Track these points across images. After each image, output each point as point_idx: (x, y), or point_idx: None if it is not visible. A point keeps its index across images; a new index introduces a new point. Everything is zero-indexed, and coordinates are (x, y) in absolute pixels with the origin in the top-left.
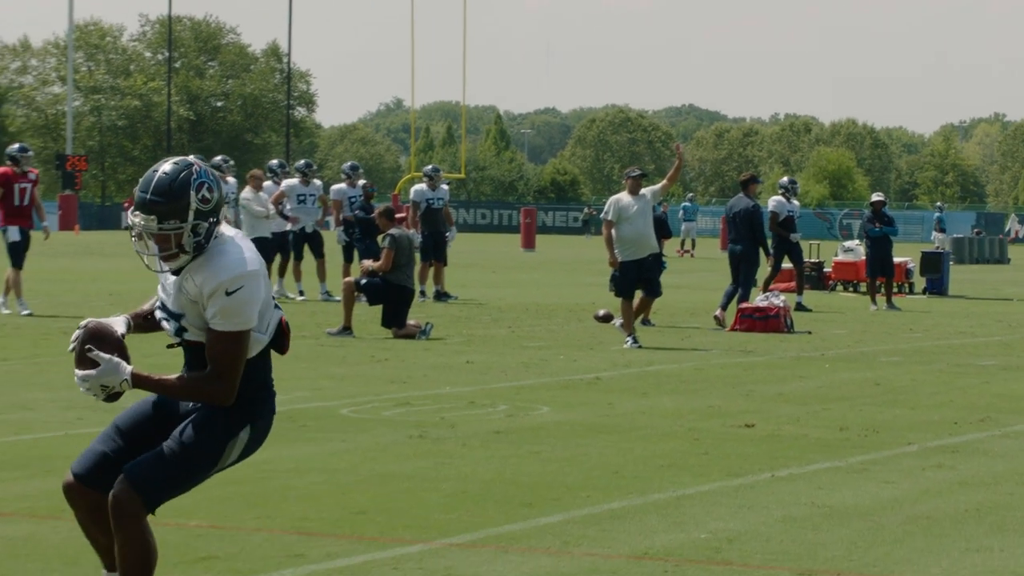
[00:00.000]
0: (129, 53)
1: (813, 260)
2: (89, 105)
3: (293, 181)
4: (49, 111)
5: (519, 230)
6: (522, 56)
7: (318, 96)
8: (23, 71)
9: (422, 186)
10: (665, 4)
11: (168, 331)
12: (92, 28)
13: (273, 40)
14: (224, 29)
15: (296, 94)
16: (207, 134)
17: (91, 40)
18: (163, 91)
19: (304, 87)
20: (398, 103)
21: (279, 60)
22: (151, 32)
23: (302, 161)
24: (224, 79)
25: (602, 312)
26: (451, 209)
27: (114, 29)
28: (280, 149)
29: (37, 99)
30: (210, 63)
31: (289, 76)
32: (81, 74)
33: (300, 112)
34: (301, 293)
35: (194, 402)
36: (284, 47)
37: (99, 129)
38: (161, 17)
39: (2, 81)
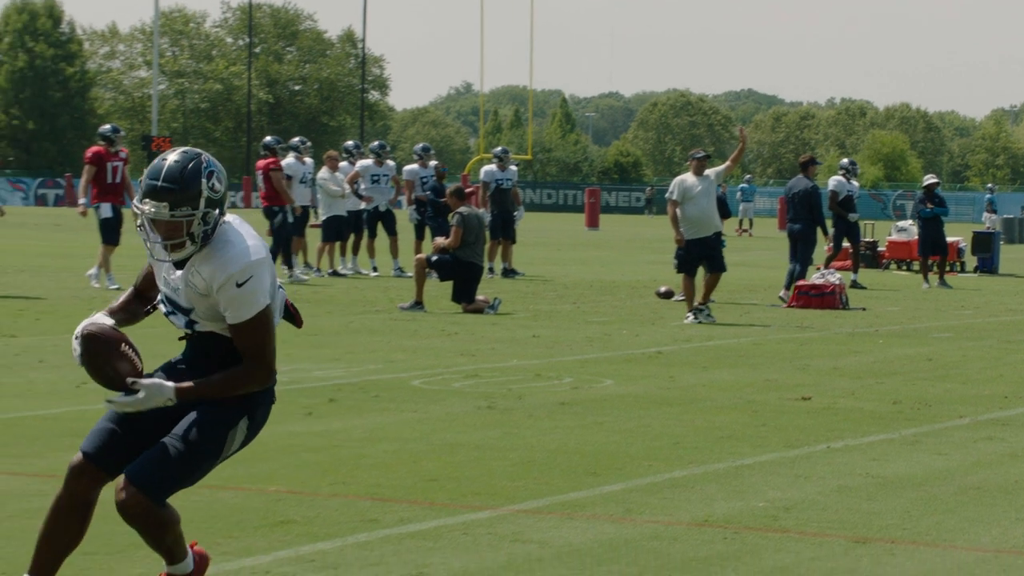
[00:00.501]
0: (211, 39)
1: (868, 240)
2: (173, 88)
3: (367, 162)
4: (135, 94)
5: (583, 210)
6: (587, 41)
7: (391, 80)
8: (111, 56)
9: (492, 167)
10: None
11: (177, 325)
12: (177, 15)
13: (348, 26)
14: (302, 16)
15: (370, 78)
16: (285, 116)
17: (176, 26)
18: (244, 75)
19: (378, 72)
20: (467, 87)
21: (354, 46)
22: (232, 18)
23: (376, 142)
24: (302, 64)
25: (663, 288)
26: (519, 189)
27: (197, 16)
28: (355, 131)
29: (124, 83)
30: (288, 48)
31: (363, 61)
32: (166, 59)
33: (374, 96)
34: (375, 269)
35: (240, 394)
36: (359, 33)
37: (183, 111)
38: (242, 4)
39: (91, 66)
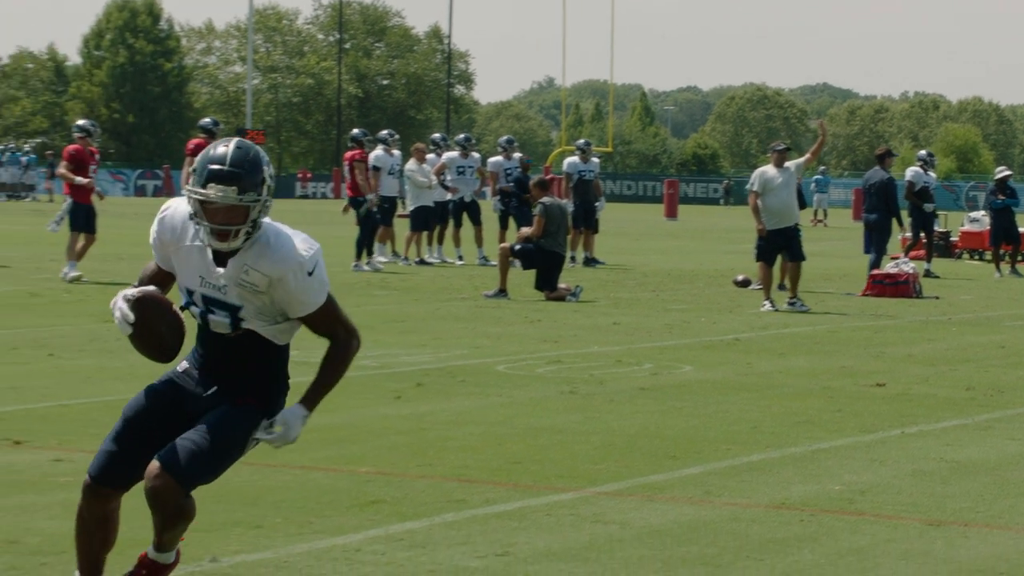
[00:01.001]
0: (303, 35)
1: (941, 230)
2: (267, 83)
3: (453, 154)
4: (230, 89)
5: (662, 200)
6: (666, 37)
7: (476, 75)
8: (207, 52)
9: (575, 159)
10: None
11: (216, 323)
12: (270, 12)
13: (435, 23)
14: (390, 13)
15: (456, 73)
16: (374, 110)
17: (269, 23)
18: (334, 70)
19: (463, 66)
20: (550, 81)
21: (440, 41)
22: (323, 15)
23: (461, 135)
24: (390, 59)
25: (741, 277)
26: (600, 181)
27: (290, 13)
28: (441, 124)
29: (220, 78)
30: (377, 44)
31: (449, 56)
32: (260, 54)
33: (459, 90)
34: (460, 258)
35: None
36: (445, 29)
37: (275, 105)
38: (333, 2)
39: (188, 61)
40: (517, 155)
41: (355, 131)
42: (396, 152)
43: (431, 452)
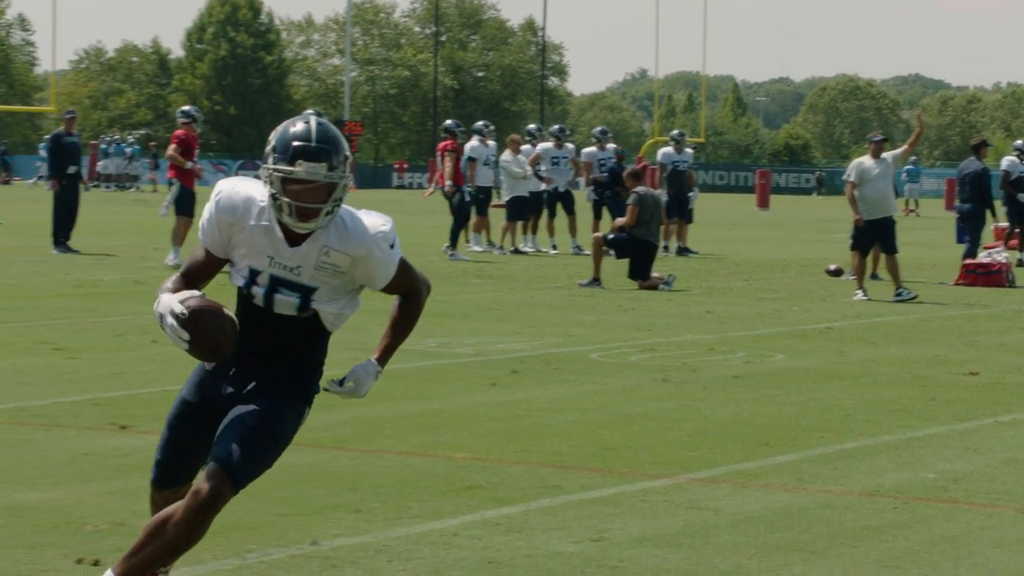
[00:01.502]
0: (400, 28)
1: None
2: (364, 75)
3: (548, 144)
4: (328, 81)
5: (754, 190)
6: (758, 28)
7: (570, 67)
8: (306, 45)
9: (669, 149)
10: None
11: (282, 304)
12: (368, 5)
13: (529, 15)
14: (485, 6)
15: (549, 65)
16: (469, 102)
17: (367, 16)
18: (430, 63)
19: (557, 58)
20: (642, 73)
21: (534, 34)
22: (420, 9)
23: (556, 126)
24: (485, 51)
25: (833, 266)
26: (693, 171)
27: (387, 6)
28: (535, 115)
29: (318, 70)
30: (472, 37)
31: (544, 48)
32: (357, 47)
33: (553, 81)
34: (554, 247)
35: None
36: (539, 22)
37: (373, 97)
38: None
39: (288, 54)
40: (611, 146)
41: (448, 122)
42: (491, 143)
43: (526, 438)
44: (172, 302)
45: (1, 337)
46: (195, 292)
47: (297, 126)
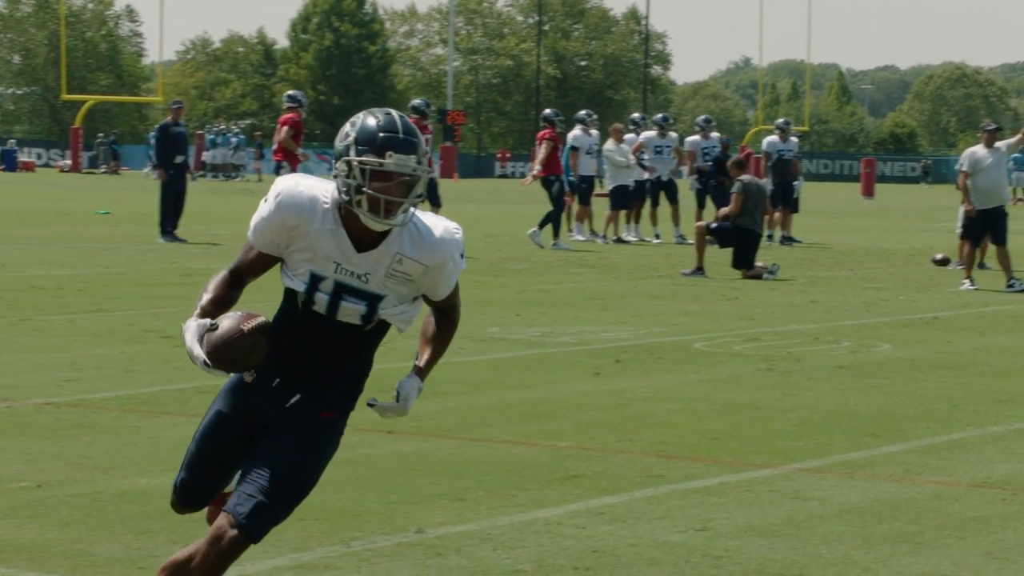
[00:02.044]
0: (503, 17)
1: None
2: (467, 65)
3: (651, 133)
4: (432, 70)
5: (859, 179)
6: (863, 16)
7: (673, 55)
8: (410, 35)
9: (774, 138)
10: None
11: (347, 312)
12: None
13: (632, 4)
14: None
15: (653, 54)
16: (572, 91)
17: (470, 6)
18: (533, 52)
19: (660, 47)
20: (746, 61)
21: (637, 23)
22: None
23: (659, 115)
24: (588, 40)
25: (939, 256)
26: (798, 160)
27: None
28: (637, 104)
29: (422, 60)
30: (575, 26)
31: (647, 37)
32: (460, 37)
33: (656, 70)
34: (657, 236)
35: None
36: (642, 10)
37: (475, 87)
38: None
39: (392, 44)
40: (715, 135)
41: (546, 111)
42: (594, 132)
43: (630, 428)
44: (193, 348)
45: (110, 325)
46: (210, 321)
47: (379, 118)
